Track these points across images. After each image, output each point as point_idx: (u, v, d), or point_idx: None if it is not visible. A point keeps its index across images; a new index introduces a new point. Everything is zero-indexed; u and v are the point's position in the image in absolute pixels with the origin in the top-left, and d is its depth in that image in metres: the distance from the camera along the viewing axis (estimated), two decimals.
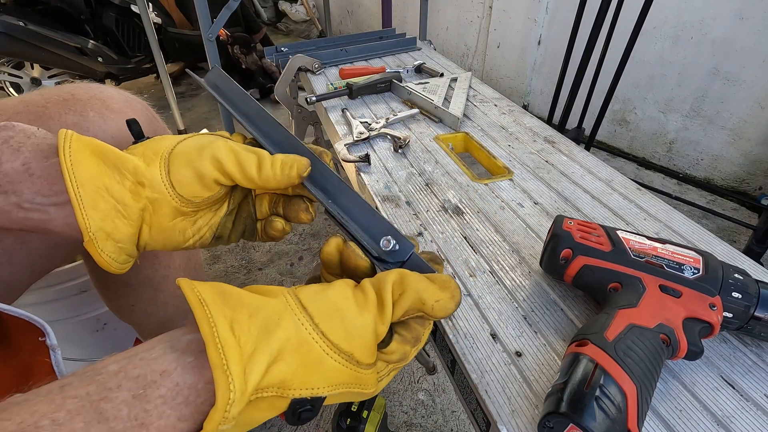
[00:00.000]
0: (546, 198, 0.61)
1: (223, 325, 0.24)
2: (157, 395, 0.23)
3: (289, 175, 0.34)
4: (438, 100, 0.87)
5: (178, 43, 2.63)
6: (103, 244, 0.31)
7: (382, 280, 0.30)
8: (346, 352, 0.27)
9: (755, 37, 1.41)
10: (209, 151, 0.33)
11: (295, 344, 0.26)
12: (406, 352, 0.31)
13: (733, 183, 1.62)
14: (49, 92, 0.47)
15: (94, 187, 0.30)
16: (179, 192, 0.33)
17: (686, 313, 0.36)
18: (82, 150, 0.31)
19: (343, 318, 0.28)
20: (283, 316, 0.27)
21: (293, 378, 0.26)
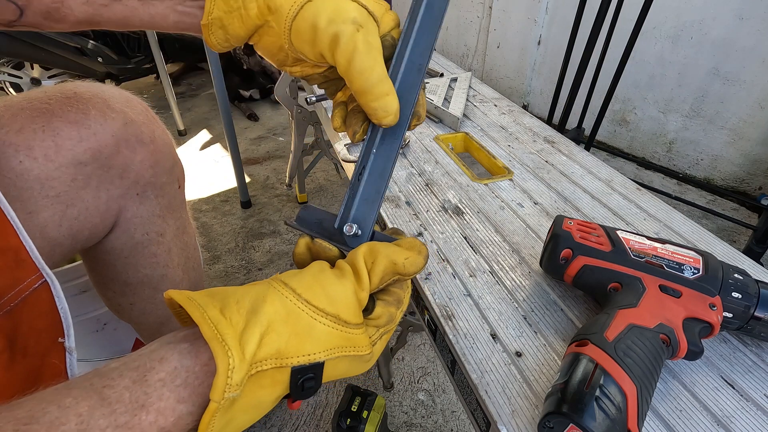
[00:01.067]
0: (546, 198, 0.61)
1: (213, 310, 0.26)
2: (156, 379, 0.24)
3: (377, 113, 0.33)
4: (438, 100, 0.87)
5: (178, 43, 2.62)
6: (216, 30, 0.34)
7: (354, 255, 0.32)
8: (332, 314, 0.29)
9: (755, 37, 1.41)
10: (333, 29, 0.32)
11: (283, 315, 0.27)
12: (392, 314, 0.33)
13: (733, 183, 1.62)
14: (52, 90, 0.48)
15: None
16: (292, 38, 0.34)
17: (686, 313, 0.36)
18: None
19: (323, 286, 0.30)
20: (268, 294, 0.28)
21: (287, 347, 0.27)
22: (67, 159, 0.45)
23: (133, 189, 0.53)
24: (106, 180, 0.49)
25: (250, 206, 1.61)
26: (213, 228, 1.51)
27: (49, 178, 0.44)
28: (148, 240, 0.57)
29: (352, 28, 0.32)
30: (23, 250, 0.39)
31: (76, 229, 0.48)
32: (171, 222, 0.60)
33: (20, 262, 0.38)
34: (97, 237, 0.53)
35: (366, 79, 0.32)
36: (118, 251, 0.56)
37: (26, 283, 0.39)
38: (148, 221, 0.56)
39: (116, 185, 0.50)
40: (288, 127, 2.25)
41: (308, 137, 1.41)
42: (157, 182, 0.55)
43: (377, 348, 0.32)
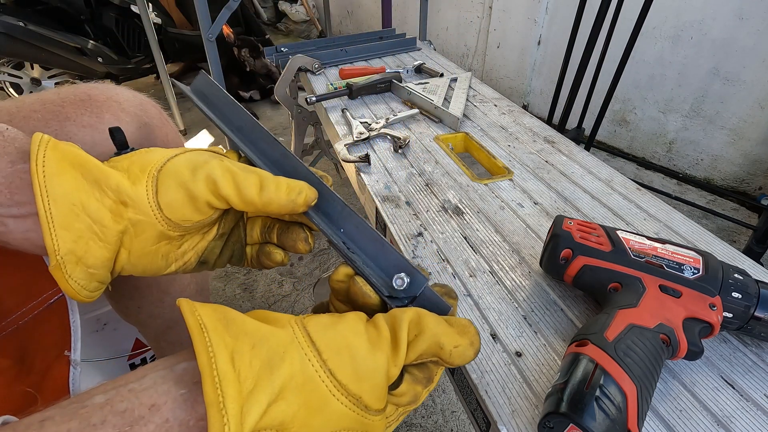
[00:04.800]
0: (546, 198, 0.61)
1: (223, 356, 0.22)
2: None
3: (295, 201, 0.31)
4: (438, 100, 0.87)
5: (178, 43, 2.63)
6: (72, 270, 0.27)
7: (398, 318, 0.28)
8: (354, 394, 0.25)
9: (755, 37, 1.41)
10: (204, 171, 0.30)
11: (300, 382, 0.24)
12: (418, 393, 0.29)
13: (733, 183, 1.62)
14: (66, 92, 0.46)
15: (69, 204, 0.27)
16: (167, 215, 0.30)
17: (686, 313, 0.36)
18: (60, 160, 0.27)
19: (353, 356, 0.25)
20: (289, 350, 0.24)
21: (293, 420, 0.23)
22: None
23: None
24: None
25: None
26: None
27: None
28: None
29: (216, 161, 0.30)
30: (42, 266, 0.37)
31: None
32: None
33: (36, 278, 0.38)
34: None
35: (262, 188, 0.30)
36: None
37: (41, 299, 0.38)
38: None
39: None
40: (288, 127, 2.25)
41: (308, 137, 1.41)
42: None
43: (389, 430, 0.29)
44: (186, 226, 0.31)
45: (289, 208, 0.31)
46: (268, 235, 0.37)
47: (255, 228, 0.37)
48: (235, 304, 1.19)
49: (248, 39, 2.46)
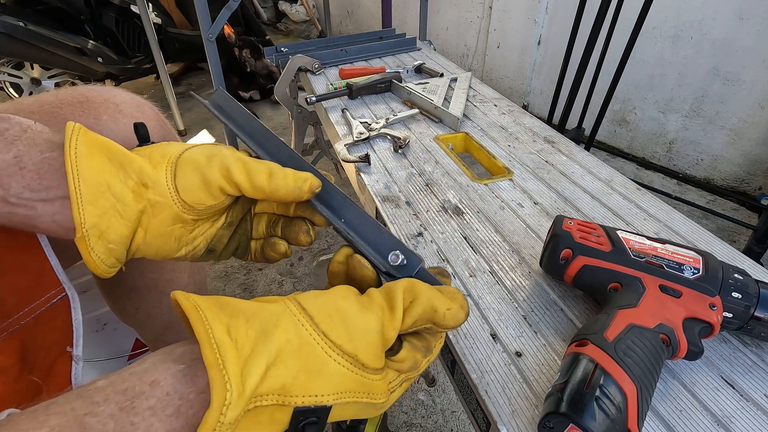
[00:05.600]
0: (546, 198, 0.61)
1: (219, 328, 0.23)
2: (145, 406, 0.21)
3: (301, 188, 0.34)
4: (438, 100, 0.87)
5: (178, 43, 2.63)
6: (95, 243, 0.30)
7: (392, 287, 0.29)
8: (349, 353, 0.26)
9: (755, 37, 1.41)
10: (218, 159, 0.33)
11: (295, 346, 0.25)
12: (418, 361, 0.30)
13: (733, 183, 1.62)
14: (63, 94, 0.47)
15: (96, 183, 0.30)
16: (183, 197, 0.33)
17: (686, 313, 0.36)
18: (89, 145, 0.30)
19: (344, 318, 0.27)
20: (281, 318, 0.26)
21: (294, 383, 0.24)
22: None
23: None
24: None
25: None
26: None
27: None
28: None
29: (229, 152, 0.33)
30: (47, 266, 0.38)
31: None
32: None
33: (41, 279, 0.38)
34: None
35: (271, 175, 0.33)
36: None
37: (44, 299, 0.38)
38: None
39: None
40: (288, 127, 2.25)
41: (308, 137, 1.41)
42: None
43: (394, 396, 0.29)
44: (199, 210, 0.34)
45: (295, 194, 0.34)
46: (273, 229, 0.40)
47: (261, 223, 0.40)
48: None
49: (249, 39, 2.47)
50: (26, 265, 0.38)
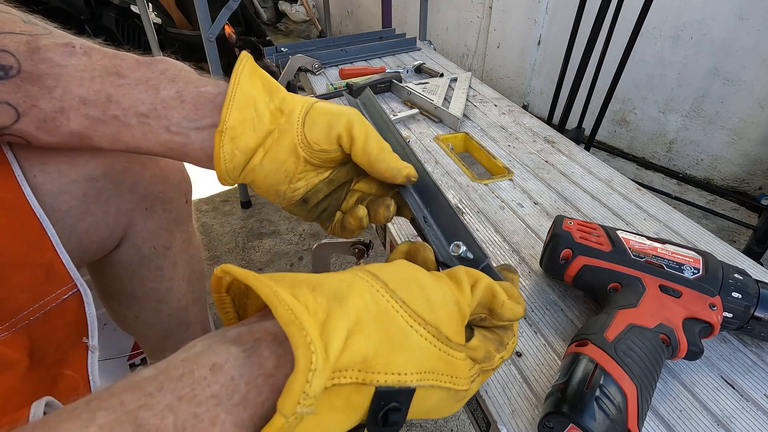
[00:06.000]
0: (546, 198, 0.61)
1: (285, 292, 0.19)
2: (208, 395, 0.18)
3: (400, 171, 0.36)
4: (438, 100, 0.87)
5: (178, 43, 2.63)
6: (227, 143, 0.33)
7: (454, 270, 0.28)
8: (431, 323, 0.23)
9: (755, 37, 1.41)
10: (347, 115, 0.36)
11: (374, 312, 0.21)
12: (490, 353, 0.28)
13: (733, 183, 1.62)
14: None
15: (247, 97, 0.34)
16: (305, 132, 0.35)
17: (686, 313, 0.36)
18: (252, 71, 0.35)
19: (421, 286, 0.24)
20: (354, 284, 0.22)
21: (376, 355, 0.21)
22: (80, 174, 0.44)
23: (141, 203, 0.53)
24: (116, 195, 0.49)
25: (250, 206, 1.61)
26: (213, 228, 1.51)
27: (61, 193, 0.43)
28: (154, 253, 0.57)
29: (359, 117, 0.36)
30: (58, 263, 0.39)
31: (86, 244, 0.48)
32: (177, 235, 0.60)
33: (52, 275, 0.39)
34: (105, 250, 0.53)
35: (381, 149, 0.36)
36: (125, 264, 0.56)
37: (54, 295, 0.39)
38: (156, 235, 0.56)
39: (125, 200, 0.50)
40: None
41: None
42: (165, 197, 0.56)
43: (474, 387, 0.26)
44: (314, 150, 0.36)
45: (391, 174, 0.36)
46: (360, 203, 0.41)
47: (353, 198, 0.42)
48: None
49: (250, 40, 2.46)
50: (37, 261, 0.38)
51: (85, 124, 0.35)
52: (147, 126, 0.34)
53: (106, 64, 0.34)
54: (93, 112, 0.34)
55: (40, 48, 0.33)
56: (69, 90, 0.33)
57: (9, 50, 0.33)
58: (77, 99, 0.34)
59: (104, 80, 0.34)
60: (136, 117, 0.34)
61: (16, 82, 0.33)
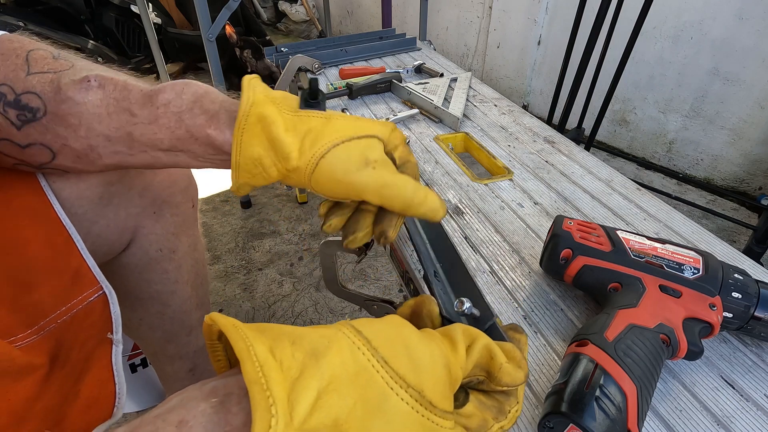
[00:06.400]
0: (546, 198, 0.61)
1: (261, 347, 0.19)
2: None
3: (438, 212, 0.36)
4: (438, 100, 0.87)
5: (178, 43, 2.63)
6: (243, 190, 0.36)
7: (449, 327, 0.27)
8: (414, 386, 0.21)
9: (755, 37, 1.41)
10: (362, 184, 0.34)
11: (352, 371, 0.20)
12: (487, 421, 0.25)
13: (733, 183, 1.62)
14: None
15: (253, 159, 0.34)
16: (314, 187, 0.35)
17: (686, 313, 0.36)
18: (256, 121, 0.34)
19: (407, 345, 0.23)
20: (334, 339, 0.21)
21: (350, 417, 0.19)
22: (98, 179, 0.45)
23: (150, 207, 0.53)
24: (127, 198, 0.49)
25: (250, 206, 1.61)
26: (213, 228, 1.51)
27: (79, 197, 0.44)
28: (161, 256, 0.58)
29: (368, 171, 0.34)
30: (84, 267, 0.40)
31: (96, 246, 0.48)
32: (183, 239, 0.60)
33: (78, 279, 0.40)
34: (113, 253, 0.53)
35: (403, 197, 0.34)
36: (133, 267, 0.56)
37: (81, 298, 0.40)
38: (163, 238, 0.57)
39: (135, 203, 0.51)
40: None
41: None
42: (172, 201, 0.56)
43: None
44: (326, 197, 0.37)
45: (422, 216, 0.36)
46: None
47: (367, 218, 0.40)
48: (235, 304, 1.19)
49: (251, 40, 2.46)
50: (65, 266, 0.39)
51: (117, 159, 0.37)
52: (175, 156, 0.37)
53: (117, 97, 0.35)
54: (120, 148, 0.36)
55: (61, 88, 0.34)
56: (92, 128, 0.35)
57: (36, 92, 0.34)
58: (102, 137, 0.35)
59: (120, 117, 0.35)
60: (162, 151, 0.36)
61: (44, 123, 0.34)
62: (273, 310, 1.17)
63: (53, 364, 0.37)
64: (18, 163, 0.37)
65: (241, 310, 1.17)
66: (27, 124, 0.34)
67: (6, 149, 0.36)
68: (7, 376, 0.31)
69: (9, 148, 0.36)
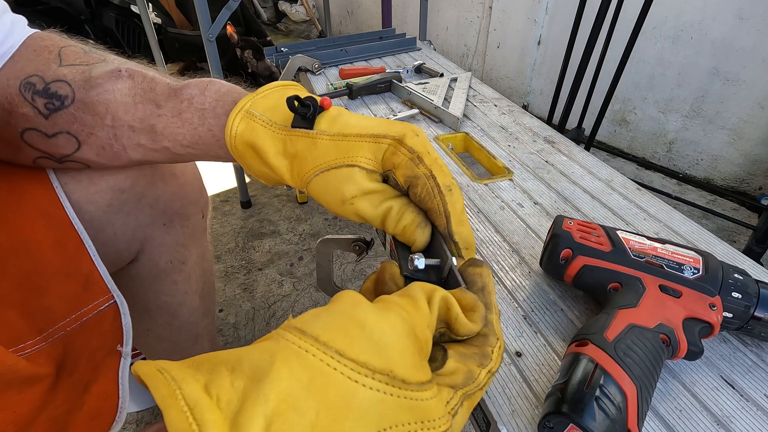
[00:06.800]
0: (546, 198, 0.61)
1: (193, 387, 0.17)
2: None
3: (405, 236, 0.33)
4: (438, 100, 0.87)
5: (178, 43, 2.63)
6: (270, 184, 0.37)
7: (407, 286, 0.25)
8: (381, 369, 0.19)
9: (755, 37, 1.41)
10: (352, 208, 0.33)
11: (305, 380, 0.18)
12: (473, 372, 0.24)
13: (733, 183, 1.62)
14: None
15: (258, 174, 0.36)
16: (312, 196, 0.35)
17: (686, 313, 0.36)
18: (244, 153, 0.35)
19: (362, 325, 0.21)
20: (276, 352, 0.19)
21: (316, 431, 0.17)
22: (109, 184, 0.45)
23: (160, 219, 0.53)
24: (137, 208, 0.49)
25: (250, 206, 1.61)
26: (213, 228, 1.51)
27: (87, 202, 0.44)
28: (170, 268, 0.58)
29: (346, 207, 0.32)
30: (95, 274, 0.40)
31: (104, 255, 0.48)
32: (193, 250, 0.60)
33: (89, 286, 0.40)
34: (121, 263, 0.53)
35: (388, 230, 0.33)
36: (142, 278, 0.56)
37: (92, 306, 0.39)
38: (173, 249, 0.57)
39: (146, 214, 0.51)
40: None
41: None
42: (183, 212, 0.56)
43: (459, 421, 0.22)
44: None
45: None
46: None
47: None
48: (235, 304, 1.19)
49: (252, 41, 2.46)
50: (75, 271, 0.39)
51: (141, 152, 0.38)
52: (195, 155, 0.38)
53: (145, 88, 0.36)
54: (144, 141, 0.37)
55: (92, 76, 0.35)
56: (117, 116, 0.36)
57: (66, 80, 0.35)
58: (126, 127, 0.36)
59: (145, 108, 0.36)
60: (183, 148, 0.37)
61: (72, 112, 0.35)
62: (273, 310, 1.17)
63: (60, 372, 0.36)
64: (41, 156, 0.38)
65: (241, 310, 1.17)
66: (54, 112, 0.35)
67: (32, 140, 0.36)
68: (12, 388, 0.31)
69: (35, 139, 0.36)
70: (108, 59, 0.38)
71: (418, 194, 0.32)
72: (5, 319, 0.33)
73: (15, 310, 0.34)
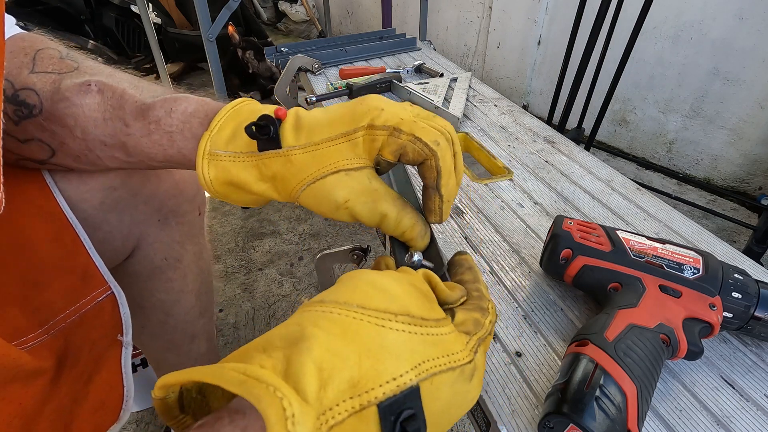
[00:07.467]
0: (546, 198, 0.61)
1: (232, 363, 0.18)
2: None
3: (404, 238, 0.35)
4: (438, 100, 0.87)
5: (178, 43, 2.62)
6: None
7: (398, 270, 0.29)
8: (400, 312, 0.22)
9: (755, 37, 1.41)
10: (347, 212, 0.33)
11: (338, 333, 0.20)
12: (478, 320, 0.27)
13: (733, 183, 1.62)
14: None
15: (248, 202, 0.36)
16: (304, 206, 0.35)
17: (686, 313, 0.36)
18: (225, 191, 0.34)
19: (372, 284, 0.23)
20: (304, 320, 0.21)
21: (362, 372, 0.19)
22: (100, 182, 0.45)
23: (155, 216, 0.53)
24: (131, 206, 0.49)
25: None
26: (213, 228, 1.51)
27: (81, 200, 0.44)
28: (166, 265, 0.58)
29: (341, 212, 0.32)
30: (92, 267, 0.40)
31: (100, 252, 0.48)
32: (189, 248, 0.60)
33: (87, 279, 0.40)
34: (117, 260, 0.53)
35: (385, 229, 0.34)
36: (137, 275, 0.56)
37: (89, 298, 0.40)
38: (168, 247, 0.57)
39: (140, 211, 0.51)
40: None
41: None
42: (179, 210, 0.56)
43: (480, 358, 0.25)
44: None
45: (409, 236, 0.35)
46: None
47: None
48: (235, 304, 1.19)
49: (253, 41, 2.46)
50: (73, 266, 0.39)
51: (118, 163, 0.37)
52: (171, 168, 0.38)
53: (114, 104, 0.35)
54: (118, 155, 0.36)
55: (61, 88, 0.35)
56: (87, 131, 0.35)
57: (35, 89, 0.34)
58: (97, 141, 0.36)
59: (114, 125, 0.35)
60: (158, 163, 0.36)
61: (40, 122, 0.35)
62: (273, 310, 1.17)
63: (62, 364, 0.37)
64: (19, 158, 0.38)
65: (241, 310, 1.17)
66: (24, 120, 0.35)
67: (7, 144, 0.36)
68: (17, 381, 0.31)
69: (9, 143, 0.36)
70: (81, 68, 0.36)
71: (411, 160, 0.32)
72: (7, 314, 0.33)
73: (16, 306, 0.34)
